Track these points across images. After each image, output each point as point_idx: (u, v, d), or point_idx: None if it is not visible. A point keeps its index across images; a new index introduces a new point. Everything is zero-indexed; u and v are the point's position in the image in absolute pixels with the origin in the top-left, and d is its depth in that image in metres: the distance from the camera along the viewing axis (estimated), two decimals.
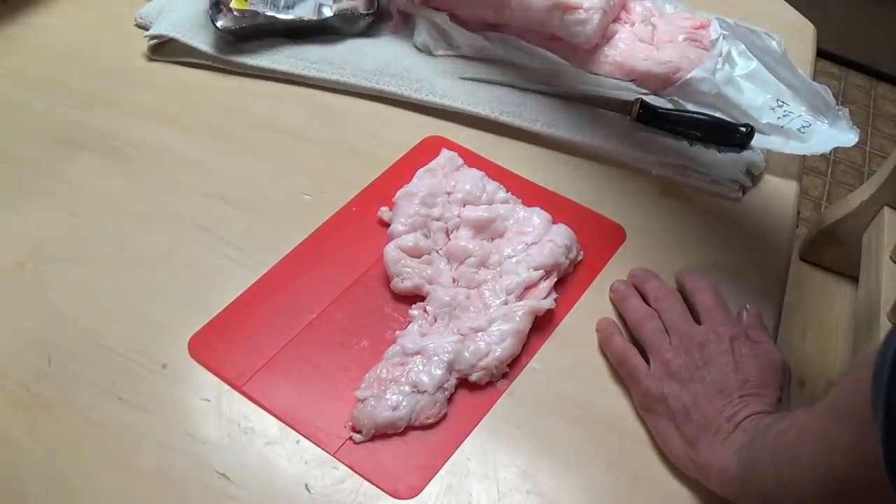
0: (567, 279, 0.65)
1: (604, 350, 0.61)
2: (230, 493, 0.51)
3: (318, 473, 0.52)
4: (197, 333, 0.59)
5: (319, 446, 0.54)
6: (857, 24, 2.12)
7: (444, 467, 0.54)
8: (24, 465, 0.52)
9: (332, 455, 0.53)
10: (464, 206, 0.67)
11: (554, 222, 0.67)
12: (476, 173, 0.70)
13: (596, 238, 0.68)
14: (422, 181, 0.69)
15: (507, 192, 0.69)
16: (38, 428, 0.54)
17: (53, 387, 0.56)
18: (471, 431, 0.55)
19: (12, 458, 0.52)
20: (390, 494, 0.52)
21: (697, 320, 0.60)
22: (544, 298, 0.62)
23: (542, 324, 0.61)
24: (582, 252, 0.66)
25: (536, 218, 0.66)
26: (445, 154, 0.72)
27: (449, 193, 0.68)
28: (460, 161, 0.72)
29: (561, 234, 0.65)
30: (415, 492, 0.52)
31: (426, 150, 0.74)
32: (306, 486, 0.52)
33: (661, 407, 0.55)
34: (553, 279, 0.63)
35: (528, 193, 0.71)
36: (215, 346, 0.59)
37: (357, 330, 0.60)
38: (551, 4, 0.78)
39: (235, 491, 0.51)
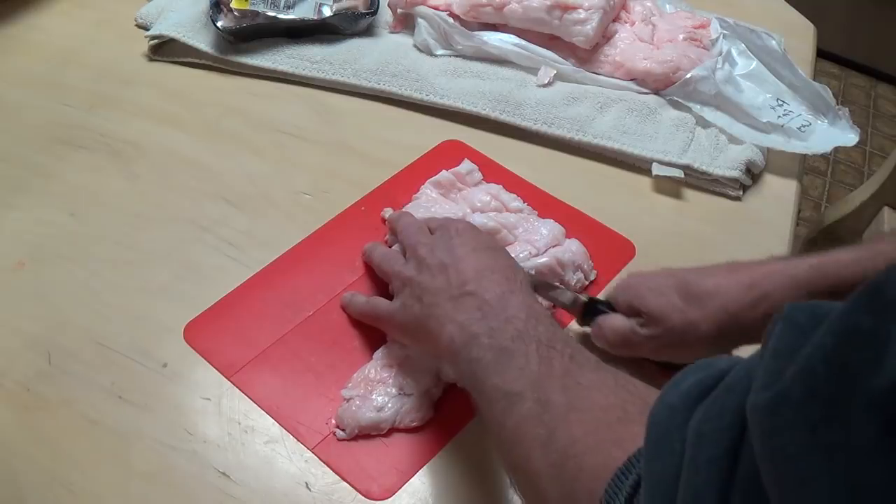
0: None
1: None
2: (231, 491, 0.51)
3: (318, 472, 0.52)
4: (193, 321, 0.60)
5: (298, 440, 0.54)
6: (857, 24, 2.12)
7: (422, 471, 0.53)
8: (24, 463, 0.52)
9: (310, 450, 0.53)
10: (472, 211, 0.67)
11: (567, 235, 0.66)
12: (494, 188, 0.69)
13: (604, 252, 0.67)
14: (429, 194, 0.68)
15: (524, 202, 0.69)
16: (37, 427, 0.54)
17: (53, 386, 0.56)
18: (454, 436, 0.55)
19: (12, 457, 0.52)
20: (363, 494, 0.51)
21: None
22: None
23: None
24: (595, 271, 0.65)
25: (544, 229, 0.65)
26: (467, 165, 0.71)
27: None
28: (480, 176, 0.71)
29: (572, 251, 0.64)
30: (387, 494, 0.52)
31: (444, 154, 0.74)
32: (307, 484, 0.52)
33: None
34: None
35: (543, 204, 0.70)
36: (210, 334, 0.59)
37: (351, 330, 0.60)
38: (551, 4, 0.78)
39: (236, 489, 0.51)
